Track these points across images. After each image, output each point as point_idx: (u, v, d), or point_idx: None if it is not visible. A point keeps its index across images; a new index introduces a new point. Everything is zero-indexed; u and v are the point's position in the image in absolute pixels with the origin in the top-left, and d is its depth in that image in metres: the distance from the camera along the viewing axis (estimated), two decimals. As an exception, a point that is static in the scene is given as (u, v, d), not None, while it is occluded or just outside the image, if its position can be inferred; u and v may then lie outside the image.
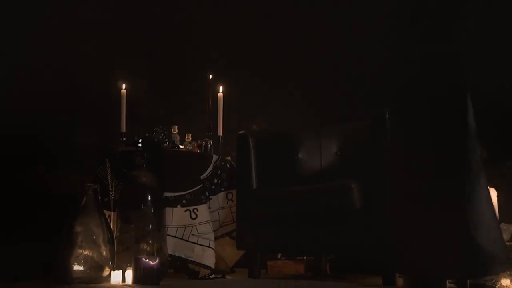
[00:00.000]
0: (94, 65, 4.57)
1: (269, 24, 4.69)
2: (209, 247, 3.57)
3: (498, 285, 2.78)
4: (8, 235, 3.71)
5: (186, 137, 3.92)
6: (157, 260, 3.08)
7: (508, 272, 2.79)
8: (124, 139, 3.86)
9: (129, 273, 3.11)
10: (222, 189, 3.77)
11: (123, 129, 3.88)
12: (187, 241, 3.55)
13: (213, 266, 3.56)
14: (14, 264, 3.57)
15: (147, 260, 3.07)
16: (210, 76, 4.10)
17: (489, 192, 2.50)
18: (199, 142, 3.92)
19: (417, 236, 2.48)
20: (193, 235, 3.56)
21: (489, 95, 3.92)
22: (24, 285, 3.06)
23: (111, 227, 3.36)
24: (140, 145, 3.74)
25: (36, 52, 4.39)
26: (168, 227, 3.49)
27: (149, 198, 3.33)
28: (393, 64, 2.75)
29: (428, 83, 2.52)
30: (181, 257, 3.56)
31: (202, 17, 4.77)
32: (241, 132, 3.69)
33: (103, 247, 3.17)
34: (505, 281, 2.78)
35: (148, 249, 3.25)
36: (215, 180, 3.74)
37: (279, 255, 3.94)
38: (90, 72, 4.58)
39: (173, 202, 3.58)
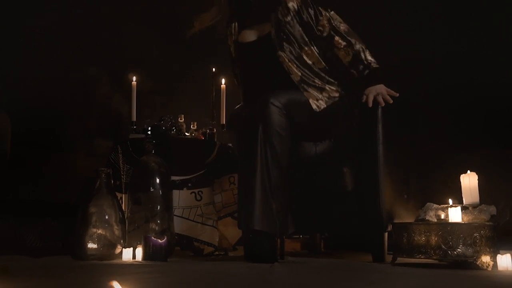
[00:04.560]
0: (104, 63, 4.74)
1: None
2: (212, 226, 3.65)
3: (478, 261, 2.77)
4: (33, 212, 3.89)
5: (191, 125, 4.01)
6: (165, 239, 3.12)
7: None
8: (134, 127, 3.96)
9: (139, 251, 3.15)
10: (225, 173, 3.83)
11: (134, 117, 3.97)
12: (193, 221, 3.63)
13: (216, 244, 3.64)
14: (36, 239, 3.75)
15: (156, 238, 3.09)
16: (214, 69, 4.20)
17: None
18: (203, 130, 4.01)
19: None
20: (198, 215, 3.64)
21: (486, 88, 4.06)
22: (45, 261, 3.09)
23: (123, 208, 3.42)
24: (149, 132, 3.84)
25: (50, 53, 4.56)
26: (175, 208, 3.54)
27: (158, 181, 3.37)
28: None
29: None
30: (187, 236, 3.62)
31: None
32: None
33: (115, 227, 3.24)
34: (485, 258, 2.77)
35: (156, 228, 3.31)
36: (218, 165, 3.81)
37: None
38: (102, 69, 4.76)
39: (180, 185, 3.66)
